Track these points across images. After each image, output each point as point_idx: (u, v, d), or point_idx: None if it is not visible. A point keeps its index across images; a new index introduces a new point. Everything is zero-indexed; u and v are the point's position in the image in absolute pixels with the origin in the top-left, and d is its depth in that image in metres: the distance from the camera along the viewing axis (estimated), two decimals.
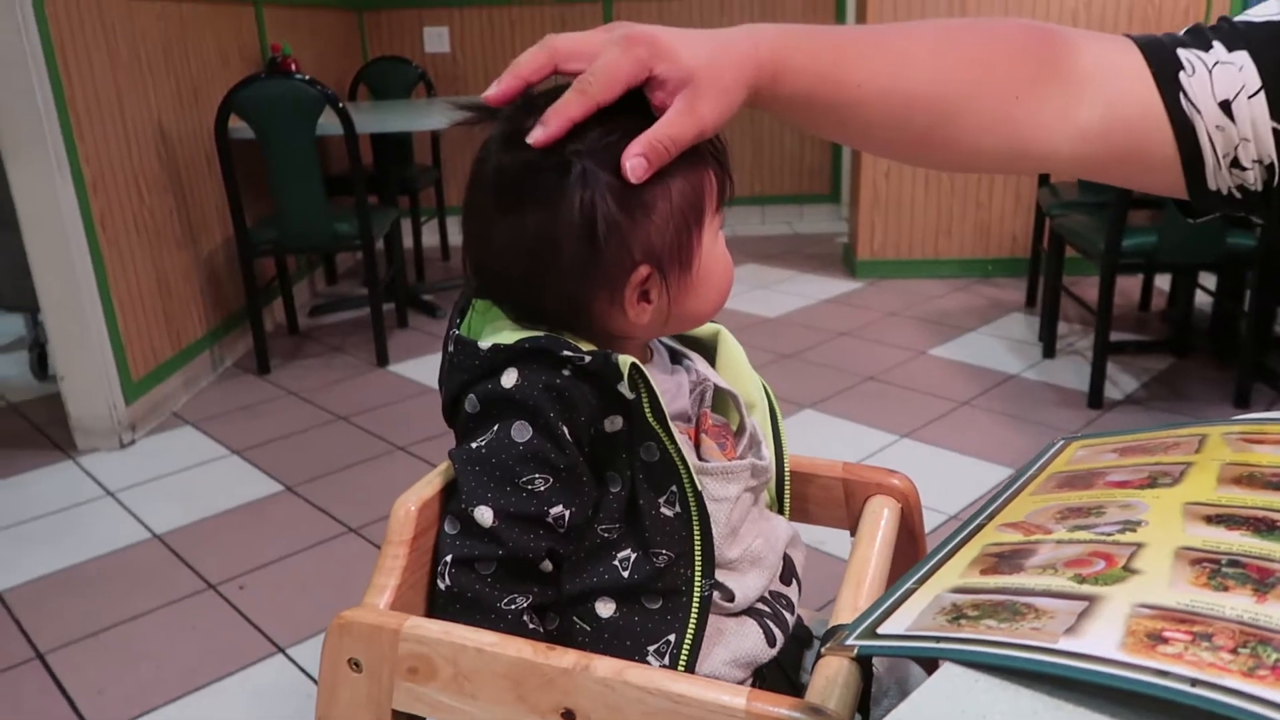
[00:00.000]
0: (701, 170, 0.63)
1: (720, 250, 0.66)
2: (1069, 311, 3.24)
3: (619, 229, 0.59)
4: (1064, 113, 0.64)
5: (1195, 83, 0.62)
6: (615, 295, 0.62)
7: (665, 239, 0.61)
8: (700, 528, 0.61)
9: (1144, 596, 0.44)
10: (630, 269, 0.61)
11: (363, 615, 0.58)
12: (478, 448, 0.60)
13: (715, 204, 0.64)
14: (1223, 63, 0.62)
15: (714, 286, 0.66)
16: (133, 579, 1.86)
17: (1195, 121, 0.62)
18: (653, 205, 0.60)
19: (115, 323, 2.44)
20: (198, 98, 2.98)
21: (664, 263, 0.61)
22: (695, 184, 0.62)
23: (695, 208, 0.62)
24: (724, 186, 0.65)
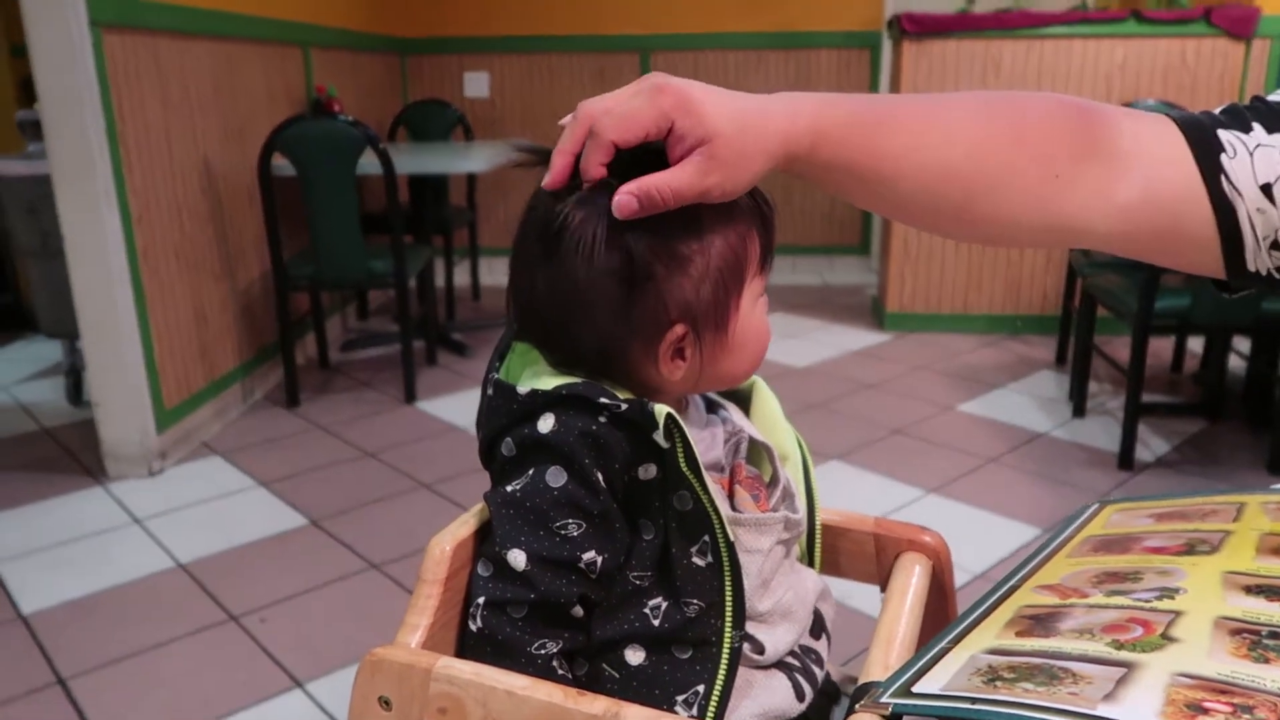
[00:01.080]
0: (745, 233, 0.64)
1: (759, 314, 0.67)
2: (1099, 371, 3.21)
3: (655, 286, 0.60)
4: (1102, 191, 0.64)
5: (1237, 165, 0.62)
6: (650, 350, 0.63)
7: (702, 299, 0.62)
8: (732, 579, 0.62)
9: (1183, 665, 0.43)
10: (665, 326, 0.62)
11: (395, 654, 0.58)
12: (513, 491, 0.61)
13: (757, 268, 0.65)
14: (1264, 145, 0.62)
15: (749, 350, 0.67)
16: (156, 607, 1.87)
17: (1236, 204, 0.62)
18: (690, 263, 0.61)
19: (152, 352, 2.49)
20: (243, 135, 3.05)
21: (699, 323, 0.63)
22: (737, 246, 0.63)
23: (735, 270, 0.63)
24: (768, 251, 0.65)
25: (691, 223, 0.61)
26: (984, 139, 0.65)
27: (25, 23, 2.21)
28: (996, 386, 3.13)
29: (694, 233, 0.61)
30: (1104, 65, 3.48)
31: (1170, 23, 3.42)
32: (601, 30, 4.64)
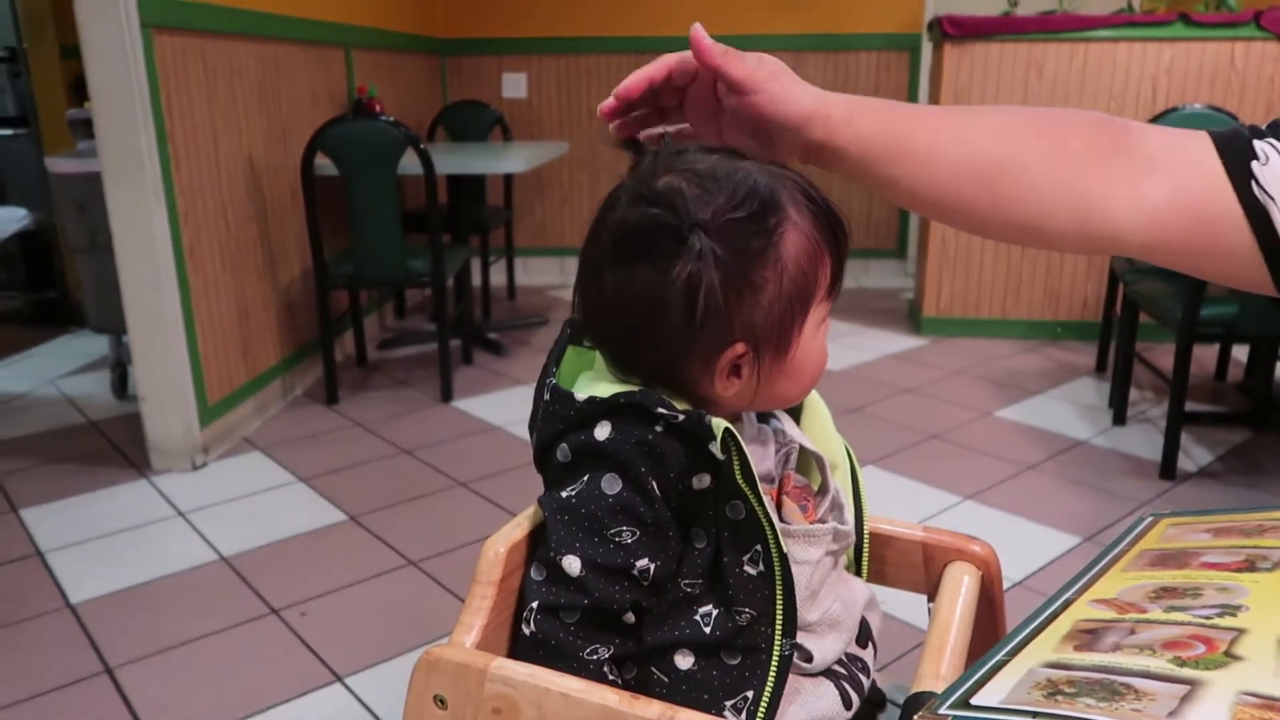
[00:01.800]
0: (818, 258, 0.63)
1: (819, 338, 0.66)
2: (1141, 379, 3.17)
3: (721, 305, 0.60)
4: (1132, 186, 0.64)
5: (1268, 171, 0.61)
6: (709, 365, 0.63)
7: (768, 321, 0.62)
8: (784, 588, 0.62)
9: (1248, 684, 0.43)
10: (726, 344, 0.62)
11: (450, 653, 0.59)
12: (568, 497, 0.62)
13: (825, 293, 0.65)
14: None
15: (806, 374, 0.66)
16: (199, 599, 1.90)
17: (1269, 207, 0.61)
18: (762, 287, 0.61)
19: (196, 347, 2.53)
20: (286, 135, 3.10)
21: (760, 344, 0.62)
22: (809, 272, 0.63)
23: (804, 295, 0.63)
24: (838, 277, 0.65)
25: (770, 247, 0.61)
26: (1014, 131, 0.67)
27: (79, 23, 2.26)
28: (1036, 393, 3.10)
29: (770, 257, 0.61)
30: (1150, 68, 3.44)
31: (1218, 25, 3.36)
32: (639, 31, 4.65)
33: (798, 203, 0.62)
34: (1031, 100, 3.49)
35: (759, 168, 0.62)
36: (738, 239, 0.60)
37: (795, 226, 0.62)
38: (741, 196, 0.60)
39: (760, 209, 0.60)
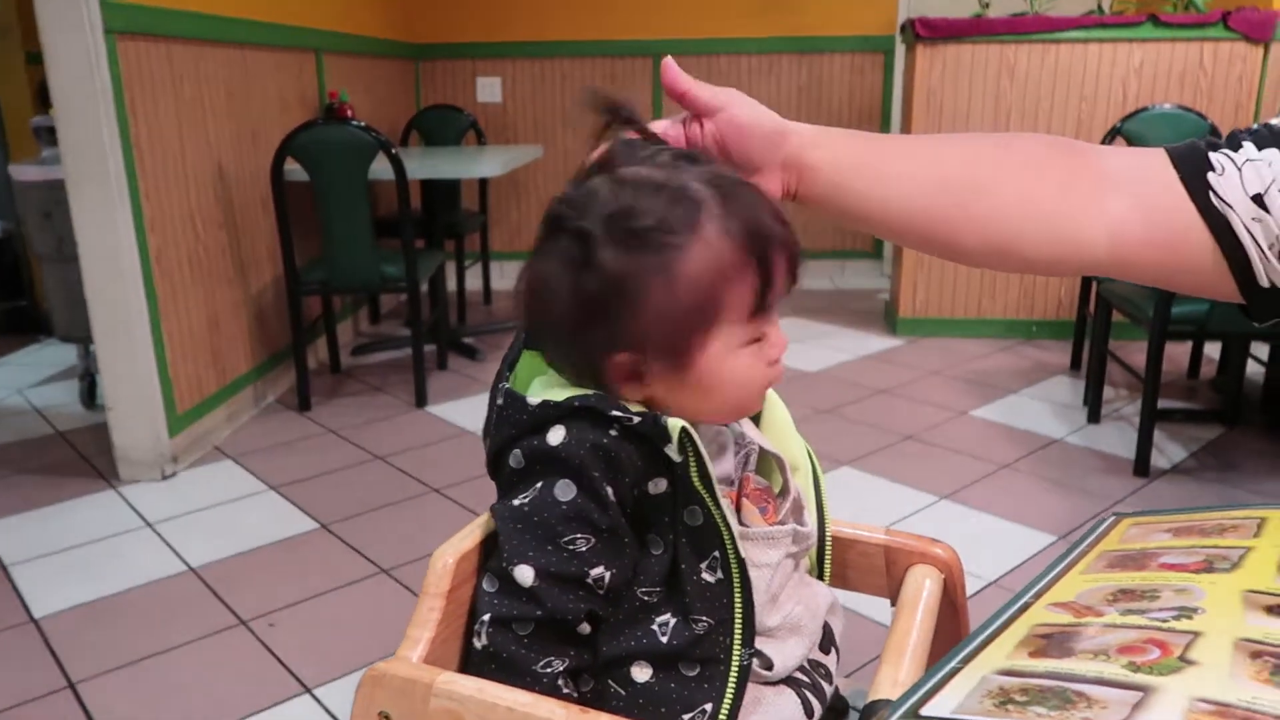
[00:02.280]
0: (735, 280, 0.60)
1: (744, 360, 0.62)
2: (1115, 376, 3.18)
3: (598, 309, 0.59)
4: (1098, 205, 0.66)
5: (1224, 181, 0.64)
6: (598, 366, 0.62)
7: (657, 334, 0.60)
8: (742, 595, 0.61)
9: (1202, 690, 0.42)
10: (611, 349, 0.61)
11: (396, 668, 0.57)
12: (520, 505, 0.60)
13: (742, 316, 0.61)
14: (1253, 160, 0.64)
15: (721, 394, 0.63)
16: (166, 611, 1.87)
17: (1229, 215, 0.63)
18: (648, 299, 0.59)
19: (164, 356, 2.49)
20: (256, 140, 3.06)
21: (649, 355, 0.61)
22: (714, 292, 0.59)
23: (704, 313, 0.60)
24: (764, 301, 0.61)
25: (663, 261, 0.58)
26: (981, 151, 0.70)
27: (40, 30, 2.22)
28: (1010, 392, 3.11)
29: (662, 270, 0.59)
30: (1120, 69, 3.46)
31: (1187, 26, 3.39)
32: (613, 35, 4.64)
33: (723, 222, 0.59)
34: (1004, 101, 3.50)
35: (704, 179, 0.60)
36: (629, 248, 0.59)
37: (704, 244, 0.59)
38: (647, 206, 0.59)
39: (664, 221, 0.58)
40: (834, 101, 4.63)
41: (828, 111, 4.64)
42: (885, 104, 4.62)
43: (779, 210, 0.62)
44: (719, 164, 0.64)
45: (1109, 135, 3.21)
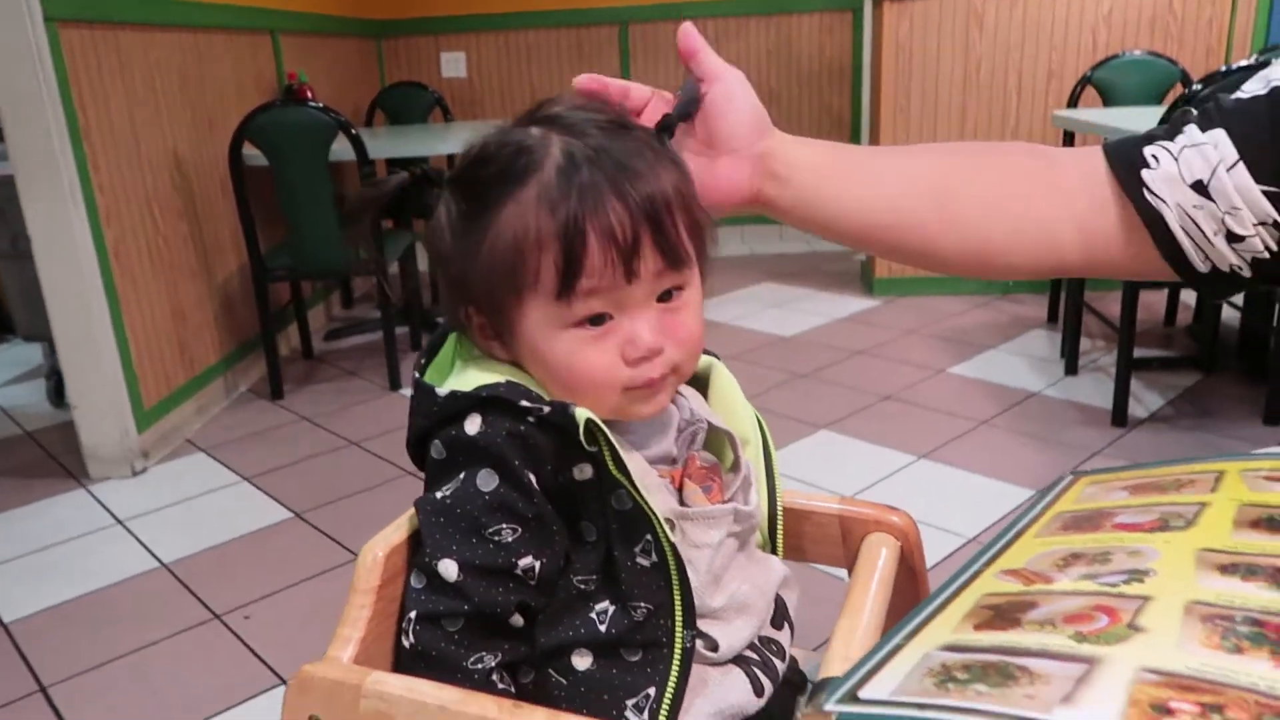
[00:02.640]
0: (536, 250, 0.56)
1: (565, 344, 0.58)
2: (1091, 327, 3.17)
3: (444, 258, 0.62)
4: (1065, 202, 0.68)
5: (1158, 175, 0.65)
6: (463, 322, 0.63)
7: (481, 290, 0.60)
8: (679, 578, 0.58)
9: (1149, 660, 0.40)
10: (458, 302, 0.63)
11: (324, 670, 0.55)
12: (442, 498, 0.58)
13: (548, 293, 0.57)
14: (1190, 146, 0.65)
15: (557, 375, 0.59)
16: (139, 609, 1.84)
17: (1162, 210, 0.65)
18: (473, 253, 0.59)
19: (128, 350, 2.45)
20: (213, 126, 3.00)
21: (483, 310, 0.61)
22: (517, 258, 0.57)
23: (512, 278, 0.58)
24: (569, 277, 0.56)
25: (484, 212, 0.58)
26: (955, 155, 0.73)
27: None
28: (988, 348, 3.10)
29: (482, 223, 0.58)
30: (1089, 17, 3.42)
31: None
32: (579, 3, 4.56)
33: (551, 192, 0.56)
34: (974, 53, 3.46)
35: (582, 146, 0.57)
36: (465, 198, 0.60)
37: (517, 206, 0.57)
38: (489, 157, 0.59)
39: (494, 174, 0.58)
40: (803, 62, 4.58)
41: (798, 73, 4.58)
42: (855, 62, 4.57)
43: (654, 197, 0.57)
44: (640, 136, 0.60)
45: (1080, 84, 3.18)
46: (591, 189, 0.55)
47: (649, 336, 0.58)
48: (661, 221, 0.57)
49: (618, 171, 0.56)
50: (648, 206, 0.56)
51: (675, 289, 0.60)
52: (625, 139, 0.59)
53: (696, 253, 0.61)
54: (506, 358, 0.63)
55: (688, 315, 0.61)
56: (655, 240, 0.57)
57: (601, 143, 0.57)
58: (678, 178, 0.59)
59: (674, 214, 0.58)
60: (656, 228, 0.56)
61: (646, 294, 0.58)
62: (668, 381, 0.61)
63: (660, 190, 0.57)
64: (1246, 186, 0.63)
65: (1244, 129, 0.64)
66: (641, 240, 0.56)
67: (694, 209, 0.60)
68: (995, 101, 3.51)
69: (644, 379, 0.59)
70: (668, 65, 4.49)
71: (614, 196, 0.56)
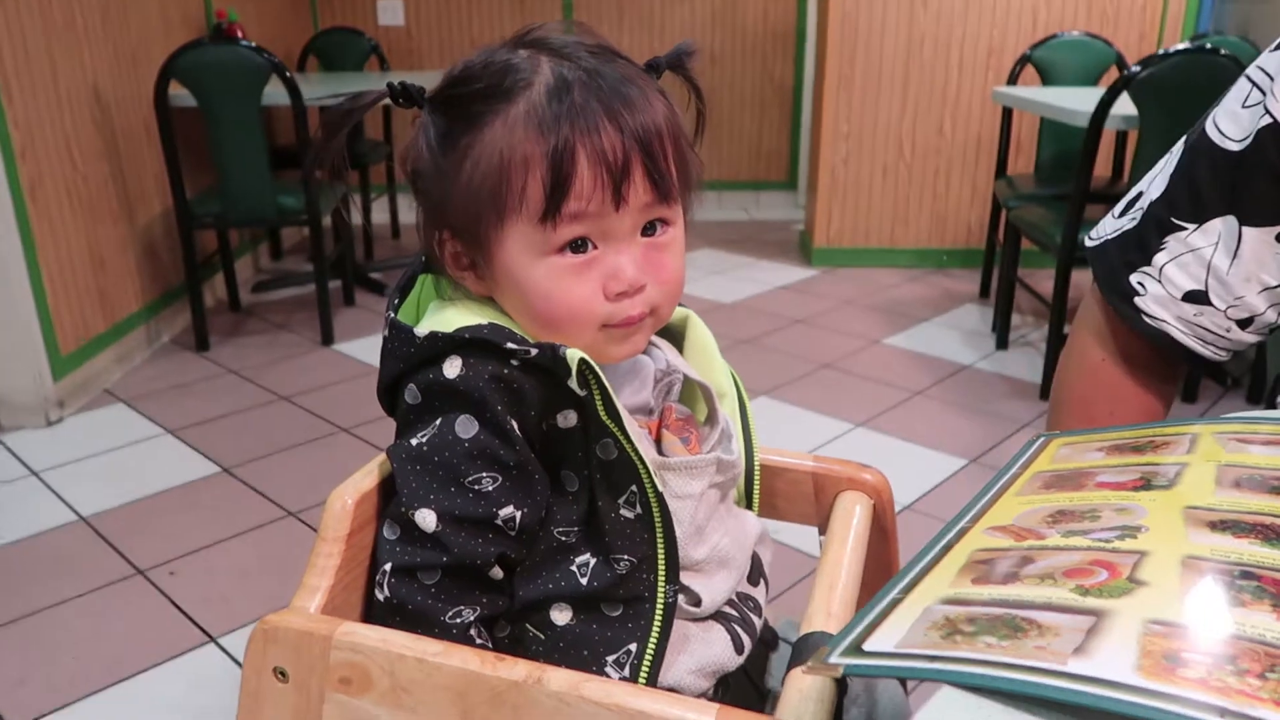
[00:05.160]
0: (523, 169, 0.54)
1: (543, 272, 0.56)
2: (1022, 303, 3.25)
3: (421, 178, 0.59)
4: None
5: (1149, 300, 0.73)
6: (437, 252, 0.60)
7: (462, 214, 0.57)
8: (663, 531, 0.57)
9: (1154, 611, 0.40)
10: (433, 227, 0.59)
11: (290, 620, 0.52)
12: (419, 444, 0.55)
13: (532, 215, 0.54)
14: (1170, 262, 0.72)
15: (533, 305, 0.57)
16: (56, 564, 1.76)
17: (1166, 329, 0.73)
18: (454, 173, 0.57)
19: (43, 294, 2.33)
20: (136, 63, 2.85)
21: (460, 236, 0.59)
22: (501, 177, 0.54)
23: (496, 199, 0.55)
24: (555, 197, 0.53)
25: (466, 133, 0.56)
26: None
27: None
28: (922, 320, 3.15)
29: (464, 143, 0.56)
30: None
31: None
32: None
33: (540, 107, 0.54)
34: (917, 28, 3.48)
35: (572, 68, 0.55)
36: (447, 117, 0.57)
37: (503, 122, 0.55)
38: (473, 75, 0.56)
39: (479, 91, 0.55)
40: (748, 28, 4.55)
41: (742, 39, 4.56)
42: (800, 30, 4.56)
43: (647, 125, 0.55)
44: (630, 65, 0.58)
45: (1019, 62, 3.23)
46: (584, 110, 0.53)
47: (632, 270, 0.57)
48: (653, 150, 0.55)
49: (610, 95, 0.54)
50: (640, 133, 0.54)
51: (661, 223, 0.58)
52: (616, 65, 0.56)
53: (682, 192, 0.59)
54: (480, 291, 0.60)
55: (671, 254, 0.59)
56: (646, 168, 0.55)
57: (594, 65, 0.55)
58: (668, 109, 0.57)
59: (664, 144, 0.56)
60: (648, 155, 0.55)
61: (632, 226, 0.56)
62: (645, 322, 0.59)
63: (652, 118, 0.55)
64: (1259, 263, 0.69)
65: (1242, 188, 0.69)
66: (633, 165, 0.54)
67: (683, 144, 0.58)
68: (937, 75, 3.54)
69: (623, 316, 0.58)
70: (611, 19, 4.42)
71: (606, 119, 0.54)
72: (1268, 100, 0.69)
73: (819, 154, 3.67)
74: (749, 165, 4.84)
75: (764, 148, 4.83)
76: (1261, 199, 0.68)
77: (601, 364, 0.57)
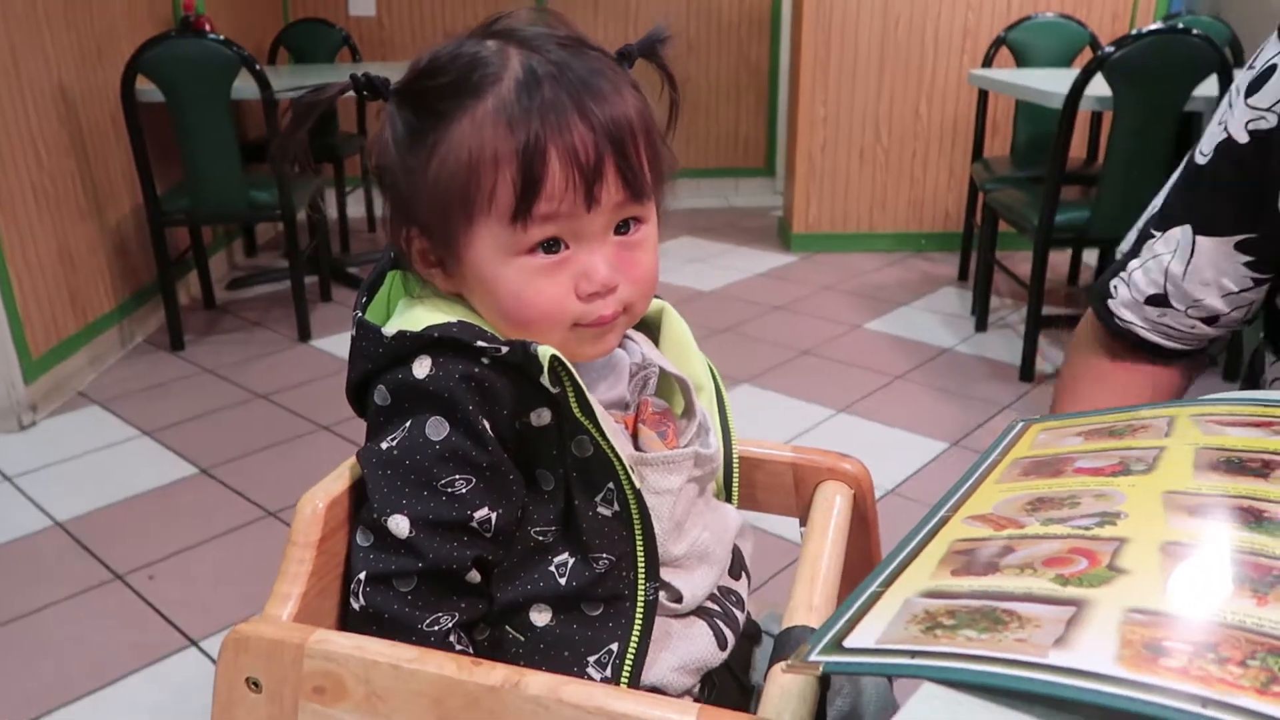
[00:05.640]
0: (492, 169, 0.52)
1: (513, 273, 0.54)
2: (1000, 286, 3.26)
3: (388, 176, 0.57)
4: None
5: (1119, 303, 0.81)
6: (404, 249, 0.59)
7: (428, 211, 0.56)
8: (642, 527, 0.56)
9: (1134, 600, 0.39)
10: (401, 225, 0.58)
11: (262, 629, 0.51)
12: (389, 448, 0.54)
13: (501, 216, 0.53)
14: (1139, 267, 0.79)
15: (504, 306, 0.56)
16: (32, 570, 1.74)
17: (1132, 328, 0.80)
18: (418, 169, 0.55)
19: (12, 296, 2.29)
20: (102, 57, 2.80)
21: (428, 234, 0.57)
22: (470, 176, 0.53)
23: (464, 198, 0.54)
24: (526, 198, 0.52)
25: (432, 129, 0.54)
26: None
27: None
28: (901, 304, 3.15)
29: (430, 140, 0.54)
30: None
31: None
32: None
33: (509, 109, 0.52)
34: (892, 11, 3.48)
35: (542, 60, 0.54)
36: (414, 109, 0.55)
37: (471, 120, 0.53)
38: (439, 68, 0.54)
39: (446, 86, 0.54)
40: (723, 11, 4.53)
41: (717, 23, 4.54)
42: (774, 13, 4.55)
43: (619, 121, 0.53)
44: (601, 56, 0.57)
45: (994, 44, 3.23)
46: (554, 106, 0.52)
47: (605, 271, 0.56)
48: (625, 146, 0.53)
49: (581, 90, 0.53)
50: (611, 128, 0.53)
51: (634, 221, 0.57)
52: (587, 57, 0.55)
53: (655, 187, 0.58)
54: (448, 288, 0.59)
55: (644, 252, 0.58)
56: (618, 166, 0.53)
57: (563, 58, 0.54)
58: (640, 103, 0.56)
59: (637, 140, 0.54)
60: (620, 152, 0.53)
61: (605, 225, 0.55)
62: (619, 321, 0.58)
63: (624, 113, 0.54)
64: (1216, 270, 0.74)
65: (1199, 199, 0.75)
66: (605, 164, 0.53)
67: (655, 138, 0.57)
68: (912, 58, 3.54)
69: (595, 316, 0.56)
70: (585, 4, 4.39)
71: (577, 116, 0.52)
72: (1226, 116, 0.73)
73: (796, 140, 3.66)
74: (727, 152, 4.83)
75: (741, 134, 4.81)
76: (1217, 210, 0.74)
77: (575, 360, 0.56)
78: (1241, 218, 0.73)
